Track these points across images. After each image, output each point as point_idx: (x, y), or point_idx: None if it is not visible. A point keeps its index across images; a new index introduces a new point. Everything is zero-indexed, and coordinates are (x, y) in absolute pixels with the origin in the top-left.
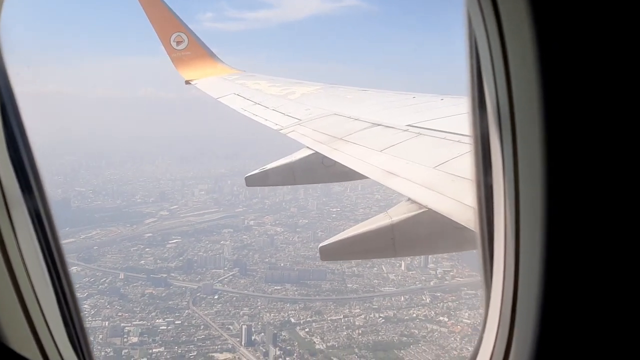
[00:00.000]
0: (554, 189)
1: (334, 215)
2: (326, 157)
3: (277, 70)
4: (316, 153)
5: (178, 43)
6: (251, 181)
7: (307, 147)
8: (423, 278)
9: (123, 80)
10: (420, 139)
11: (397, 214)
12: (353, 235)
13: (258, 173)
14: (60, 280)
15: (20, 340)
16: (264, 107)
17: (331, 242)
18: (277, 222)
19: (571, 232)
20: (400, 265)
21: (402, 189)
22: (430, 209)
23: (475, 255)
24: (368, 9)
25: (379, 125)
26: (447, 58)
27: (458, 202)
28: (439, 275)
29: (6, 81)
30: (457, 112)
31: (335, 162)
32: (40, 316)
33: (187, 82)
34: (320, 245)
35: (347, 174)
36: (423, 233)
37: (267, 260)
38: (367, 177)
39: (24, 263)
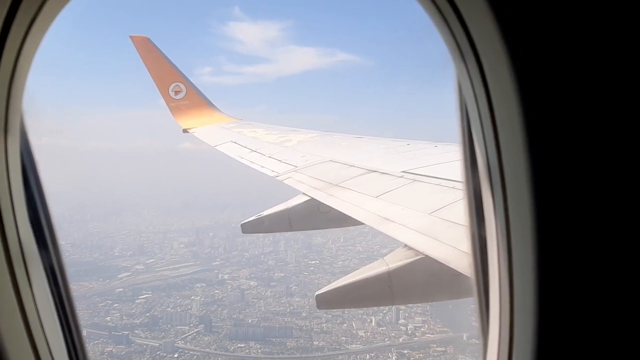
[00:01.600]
0: (544, 241)
1: (311, 268)
2: (322, 203)
3: (274, 122)
4: (312, 199)
5: (176, 93)
6: (247, 228)
7: (303, 193)
8: (393, 334)
9: (119, 133)
10: (415, 185)
11: (393, 260)
12: (350, 283)
13: (254, 220)
14: (71, 331)
15: None
16: (261, 154)
17: (328, 289)
18: (252, 275)
19: (562, 278)
20: (371, 321)
21: (398, 235)
22: (427, 256)
23: (448, 309)
24: (362, 64)
25: (374, 171)
26: (441, 107)
27: (454, 249)
28: (409, 332)
29: (27, 146)
30: (451, 159)
31: (331, 208)
32: None
33: (185, 131)
34: (317, 293)
35: (343, 220)
36: (420, 280)
37: (235, 316)
38: (363, 223)
39: (38, 314)
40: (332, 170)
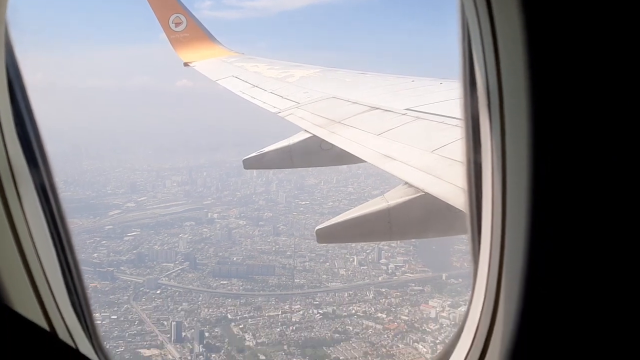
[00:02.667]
0: (540, 166)
1: (301, 209)
2: (324, 140)
3: (276, 59)
4: (314, 136)
5: (177, 25)
6: (249, 164)
7: (305, 130)
8: (373, 273)
9: (117, 70)
10: (418, 122)
11: (393, 197)
12: (349, 219)
13: (255, 156)
14: (65, 250)
15: (25, 306)
16: (262, 89)
17: (328, 225)
18: (242, 215)
19: (555, 209)
20: (353, 260)
21: (398, 173)
22: (427, 193)
23: (432, 250)
24: None
25: (377, 108)
26: (447, 44)
27: (455, 186)
28: (390, 271)
29: (13, 58)
30: (456, 96)
31: (333, 145)
32: (45, 283)
33: (186, 64)
34: (317, 227)
35: (344, 158)
36: (419, 217)
37: (220, 254)
38: (364, 161)
39: (30, 234)
40: (334, 107)
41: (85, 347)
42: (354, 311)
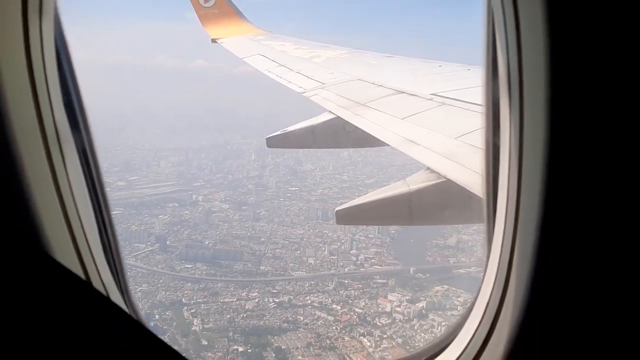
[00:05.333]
0: (555, 151)
1: (288, 195)
2: (348, 122)
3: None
4: (338, 118)
5: (206, 0)
6: (272, 142)
7: (329, 111)
8: (341, 264)
9: (140, 47)
10: (443, 108)
11: (415, 182)
12: (370, 201)
13: (279, 134)
14: (101, 208)
15: (65, 256)
16: (288, 69)
17: (347, 206)
18: (227, 198)
19: (569, 195)
20: (324, 250)
21: (421, 158)
22: (449, 179)
23: (409, 243)
24: None
25: (402, 92)
26: (477, 30)
27: (477, 174)
28: (358, 262)
29: (60, 27)
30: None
31: (357, 127)
32: (82, 236)
33: (213, 41)
34: (337, 208)
35: (367, 140)
36: (440, 203)
37: (194, 237)
38: (387, 144)
39: (71, 191)
40: (359, 89)
41: (116, 297)
42: (309, 301)
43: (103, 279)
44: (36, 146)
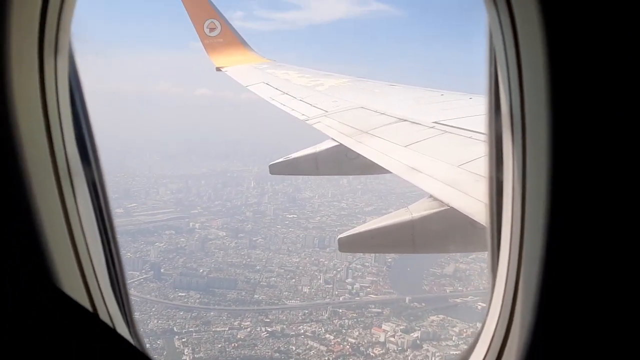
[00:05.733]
0: (558, 185)
1: (286, 222)
2: (350, 149)
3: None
4: (340, 145)
5: (211, 30)
6: (275, 169)
7: (332, 138)
8: (336, 292)
9: (143, 75)
10: (446, 136)
11: (418, 210)
12: (373, 229)
13: (282, 161)
14: (109, 241)
15: (73, 288)
16: (292, 96)
17: (350, 234)
18: (224, 225)
19: (572, 226)
20: (320, 278)
21: (424, 186)
22: (452, 207)
23: (405, 272)
24: (395, 14)
25: (405, 120)
26: (478, 60)
27: (480, 202)
28: (354, 291)
29: (74, 64)
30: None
31: (359, 155)
32: (90, 268)
33: (218, 69)
34: (339, 236)
35: (370, 168)
36: (443, 231)
37: (189, 265)
38: (390, 172)
39: (81, 224)
40: (362, 117)
41: (122, 329)
42: (302, 331)
43: (110, 311)
44: (48, 179)
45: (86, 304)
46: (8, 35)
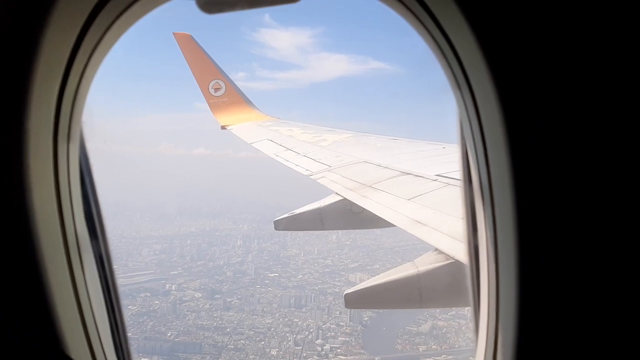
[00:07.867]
0: (525, 247)
1: (266, 281)
2: (355, 203)
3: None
4: (345, 199)
5: (216, 90)
6: (279, 225)
7: (336, 193)
8: (304, 355)
9: (145, 137)
10: (449, 189)
11: (423, 263)
12: (378, 284)
13: (286, 217)
14: (114, 311)
15: (80, 355)
16: (296, 152)
17: (356, 289)
18: (201, 287)
19: (542, 280)
20: (290, 340)
21: (429, 239)
22: (457, 260)
23: (380, 331)
24: (395, 71)
25: (408, 174)
26: None
27: None
28: (323, 353)
29: (84, 149)
30: None
31: (364, 209)
32: (96, 336)
33: (223, 128)
34: (345, 292)
35: (375, 221)
36: (450, 284)
37: (157, 328)
38: (394, 225)
39: (88, 295)
40: (365, 171)
41: None
42: None
43: None
44: (59, 255)
45: None
46: (27, 124)
